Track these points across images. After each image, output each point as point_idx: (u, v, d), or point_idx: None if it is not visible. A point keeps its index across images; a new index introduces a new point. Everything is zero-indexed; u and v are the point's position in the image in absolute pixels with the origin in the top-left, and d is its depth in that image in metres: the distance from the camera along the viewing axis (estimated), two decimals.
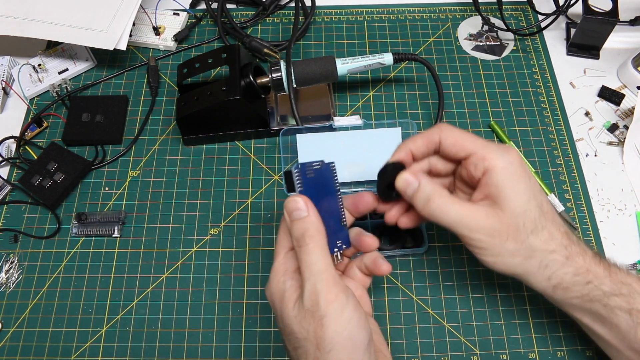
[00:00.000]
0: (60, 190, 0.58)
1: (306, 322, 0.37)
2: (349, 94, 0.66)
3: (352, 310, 0.37)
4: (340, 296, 0.37)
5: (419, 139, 0.43)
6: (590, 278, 0.40)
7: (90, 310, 0.53)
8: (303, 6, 0.72)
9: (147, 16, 0.70)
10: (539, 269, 0.41)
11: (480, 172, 0.40)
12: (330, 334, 0.36)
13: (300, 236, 0.38)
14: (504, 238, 0.40)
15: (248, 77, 0.58)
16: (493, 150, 0.40)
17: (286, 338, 0.39)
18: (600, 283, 0.40)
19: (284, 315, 0.38)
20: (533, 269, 0.41)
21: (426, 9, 0.73)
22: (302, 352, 0.37)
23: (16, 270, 0.55)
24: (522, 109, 0.64)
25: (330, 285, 0.37)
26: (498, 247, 0.40)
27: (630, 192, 0.59)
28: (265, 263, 0.55)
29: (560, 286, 0.41)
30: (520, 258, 0.40)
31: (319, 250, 0.38)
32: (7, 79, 0.67)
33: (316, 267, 0.37)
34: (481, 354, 0.50)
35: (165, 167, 0.61)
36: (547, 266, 0.41)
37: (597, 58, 0.68)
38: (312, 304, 0.37)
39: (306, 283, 0.37)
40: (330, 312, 0.36)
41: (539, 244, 0.40)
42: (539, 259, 0.40)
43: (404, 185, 0.42)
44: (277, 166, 0.61)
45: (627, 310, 0.40)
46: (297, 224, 0.39)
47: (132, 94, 0.67)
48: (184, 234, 0.57)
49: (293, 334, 0.38)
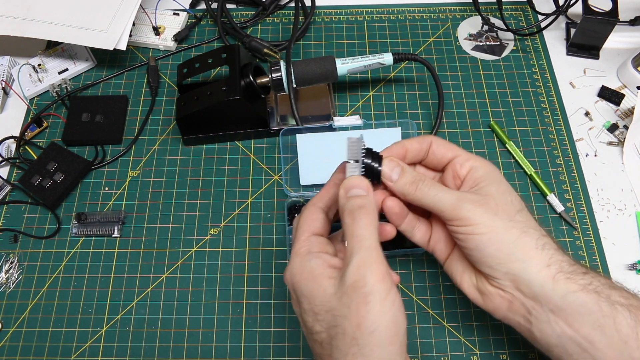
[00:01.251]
0: (60, 190, 0.58)
1: (347, 298, 0.35)
2: (349, 94, 0.66)
3: (396, 293, 0.35)
4: (387, 277, 0.35)
5: (413, 139, 0.43)
6: (585, 269, 0.39)
7: (90, 310, 0.53)
8: (303, 6, 0.72)
9: (147, 16, 0.70)
10: (537, 249, 0.38)
11: (465, 170, 0.41)
12: (374, 313, 0.34)
13: (356, 209, 0.37)
14: (494, 208, 0.38)
15: (248, 77, 0.58)
16: (476, 155, 0.43)
17: (319, 319, 0.36)
18: (596, 274, 0.38)
19: (318, 292, 0.36)
20: (530, 249, 0.38)
21: (426, 9, 0.73)
22: (339, 330, 0.35)
23: (16, 270, 0.55)
24: (522, 109, 0.64)
25: (380, 263, 0.35)
26: (490, 219, 0.38)
27: (630, 192, 0.59)
28: (265, 263, 0.55)
29: (561, 275, 0.37)
30: (516, 232, 0.38)
31: (372, 227, 0.37)
32: (7, 79, 0.67)
33: (367, 243, 0.36)
34: (481, 354, 0.50)
35: (165, 167, 0.61)
36: (543, 247, 0.38)
37: (597, 58, 0.68)
38: (358, 278, 0.35)
39: (354, 256, 0.35)
40: (376, 291, 0.34)
41: (529, 221, 0.39)
42: (535, 237, 0.38)
43: (388, 169, 0.41)
44: (277, 166, 0.61)
45: (626, 306, 0.37)
46: (355, 199, 0.38)
47: (132, 94, 0.67)
48: (184, 234, 0.57)
49: (331, 311, 0.35)
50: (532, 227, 0.39)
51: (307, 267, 0.37)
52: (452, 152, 0.42)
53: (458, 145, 0.59)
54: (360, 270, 0.35)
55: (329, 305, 0.36)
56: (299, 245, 0.39)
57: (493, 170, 0.41)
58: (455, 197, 0.39)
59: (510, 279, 0.39)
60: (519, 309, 0.39)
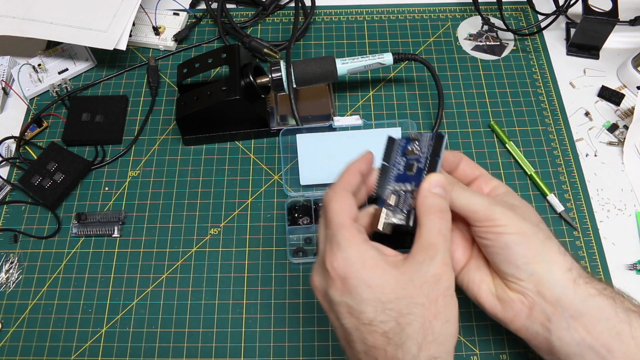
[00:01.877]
0: (60, 190, 0.58)
1: (428, 287, 0.36)
2: (349, 94, 0.66)
3: None
4: None
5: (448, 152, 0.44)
6: (598, 278, 0.41)
7: (90, 310, 0.53)
8: (303, 6, 0.72)
9: (147, 16, 0.70)
10: (560, 254, 0.40)
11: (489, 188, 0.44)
12: (451, 307, 0.37)
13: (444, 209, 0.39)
14: (521, 214, 0.40)
15: (248, 77, 0.58)
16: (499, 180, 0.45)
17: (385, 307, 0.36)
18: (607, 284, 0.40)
19: (389, 281, 0.36)
20: (554, 253, 0.40)
21: (426, 9, 0.73)
22: (413, 318, 0.35)
23: (16, 270, 0.55)
24: (522, 109, 0.64)
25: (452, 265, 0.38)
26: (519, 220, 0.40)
27: (630, 192, 0.59)
28: (265, 263, 0.55)
29: (582, 279, 0.39)
30: (542, 235, 0.40)
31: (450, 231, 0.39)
32: (7, 79, 0.67)
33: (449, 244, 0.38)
34: (481, 354, 0.50)
35: (165, 167, 0.61)
36: (565, 253, 0.40)
37: (597, 58, 0.68)
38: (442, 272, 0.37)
39: (440, 253, 0.37)
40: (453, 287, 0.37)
41: (550, 231, 0.41)
42: (557, 244, 0.40)
43: None
44: (277, 166, 0.61)
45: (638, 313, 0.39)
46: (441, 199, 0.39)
47: (132, 94, 0.67)
48: (184, 234, 0.57)
49: (406, 298, 0.35)
50: (553, 234, 0.41)
51: (370, 255, 0.37)
52: (479, 171, 0.44)
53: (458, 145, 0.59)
54: (445, 267, 0.37)
55: (404, 292, 0.36)
56: (350, 233, 0.37)
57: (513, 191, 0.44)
58: (487, 200, 0.40)
59: (534, 281, 0.39)
60: (538, 316, 0.40)
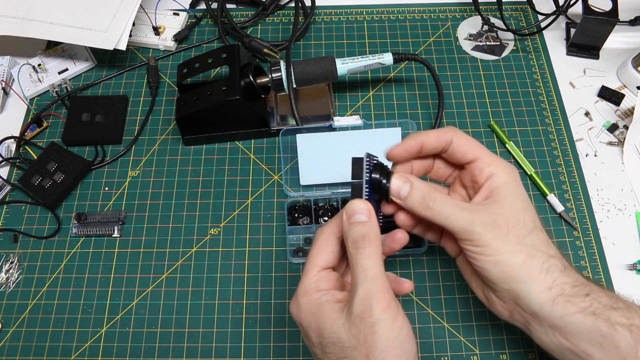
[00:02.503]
0: (60, 190, 0.58)
1: (355, 329, 0.35)
2: (349, 94, 0.66)
3: (403, 319, 0.37)
4: (392, 305, 0.36)
5: (431, 135, 0.42)
6: (587, 290, 0.39)
7: (90, 310, 0.53)
8: (303, 6, 0.72)
9: (147, 16, 0.70)
10: (541, 272, 0.38)
11: (484, 177, 0.40)
12: (382, 342, 0.35)
13: (359, 239, 0.38)
14: (505, 231, 0.38)
15: (248, 77, 0.58)
16: (499, 159, 0.41)
17: (327, 351, 0.37)
18: (598, 296, 0.39)
19: (326, 327, 0.37)
20: (535, 272, 0.38)
21: (426, 9, 0.73)
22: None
23: (16, 270, 0.55)
24: (522, 109, 0.64)
25: (384, 292, 0.36)
26: (500, 242, 0.38)
27: (630, 192, 0.59)
28: (265, 263, 0.55)
29: (562, 298, 0.38)
30: (522, 256, 0.38)
31: (376, 256, 0.37)
32: (7, 79, 0.67)
33: (371, 273, 0.37)
34: (481, 354, 0.50)
35: (165, 167, 0.61)
36: (548, 270, 0.38)
37: (597, 58, 0.68)
38: (364, 309, 0.35)
39: (359, 287, 0.36)
40: (383, 319, 0.35)
41: (539, 243, 0.39)
42: (541, 260, 0.38)
43: (396, 187, 0.40)
44: (277, 166, 0.61)
45: (627, 326, 0.38)
46: (357, 227, 0.38)
47: (132, 94, 0.67)
48: (184, 234, 0.57)
49: (339, 343, 0.36)
50: (541, 249, 0.39)
51: (315, 303, 0.38)
52: (473, 154, 0.41)
53: None
54: (366, 301, 0.36)
55: (336, 337, 0.36)
56: (308, 281, 0.39)
57: (512, 180, 0.40)
58: (466, 219, 0.38)
59: (511, 295, 0.40)
60: (519, 319, 0.41)
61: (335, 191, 0.58)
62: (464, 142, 0.42)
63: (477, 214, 0.39)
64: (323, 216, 0.56)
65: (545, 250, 0.39)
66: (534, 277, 0.38)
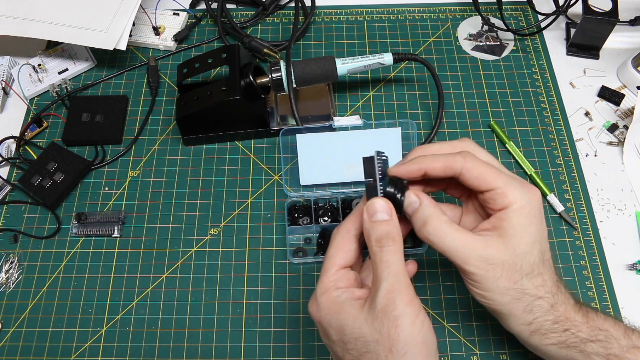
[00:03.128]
0: (60, 190, 0.58)
1: (378, 323, 0.36)
2: (349, 94, 0.66)
3: (424, 315, 0.37)
4: (415, 301, 0.37)
5: (439, 162, 0.40)
6: (568, 325, 0.40)
7: (90, 310, 0.53)
8: (303, 6, 0.72)
9: (147, 16, 0.70)
10: (524, 312, 0.40)
11: (497, 207, 0.40)
12: (405, 336, 0.35)
13: (383, 237, 0.38)
14: (498, 275, 0.39)
15: (248, 77, 0.58)
16: (516, 187, 0.39)
17: (348, 347, 0.38)
18: (577, 330, 0.40)
19: (347, 323, 0.37)
20: (517, 311, 0.40)
21: (426, 9, 0.73)
22: (372, 356, 0.36)
23: (16, 270, 0.55)
24: (522, 109, 0.64)
25: (407, 287, 0.37)
26: (490, 283, 0.39)
27: (630, 192, 0.59)
28: (265, 263, 0.55)
29: (539, 332, 0.40)
30: (508, 298, 0.39)
31: (399, 253, 0.38)
32: (7, 79, 0.67)
33: (395, 268, 0.37)
34: (481, 354, 0.50)
35: (165, 167, 0.61)
36: (531, 311, 0.40)
37: (597, 58, 0.68)
38: (388, 302, 0.36)
39: (383, 282, 0.37)
40: (406, 313, 0.36)
41: (530, 288, 0.40)
42: (526, 302, 0.40)
43: (406, 202, 0.41)
44: (277, 166, 0.61)
45: (604, 355, 0.40)
46: (381, 225, 0.39)
47: (132, 94, 0.67)
48: (184, 234, 0.57)
49: (362, 337, 0.37)
50: (529, 293, 0.40)
51: (335, 301, 0.39)
52: (487, 185, 0.40)
53: None
54: (390, 295, 0.36)
55: (358, 332, 0.37)
56: (327, 280, 0.40)
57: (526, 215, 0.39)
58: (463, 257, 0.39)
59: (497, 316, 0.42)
60: None
61: (335, 191, 0.58)
62: (475, 176, 0.40)
63: (475, 252, 0.39)
64: (323, 216, 0.56)
65: (534, 293, 0.40)
66: (516, 314, 0.40)
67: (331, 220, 0.56)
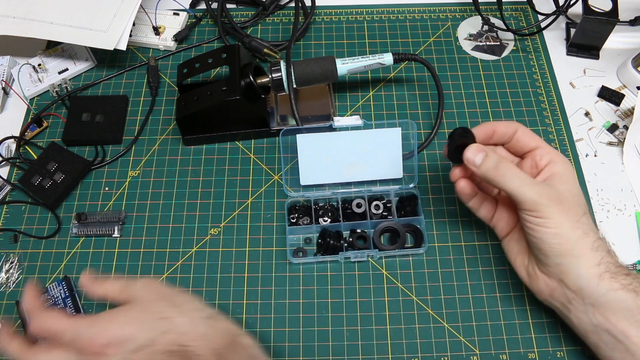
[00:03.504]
0: (60, 190, 0.58)
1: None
2: (349, 94, 0.66)
3: None
4: None
5: (503, 124, 0.48)
6: (626, 271, 0.43)
7: (91, 310, 0.53)
8: (303, 6, 0.72)
9: (147, 16, 0.70)
10: (591, 250, 0.42)
11: (545, 162, 0.46)
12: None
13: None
14: (566, 208, 0.42)
15: (248, 77, 0.58)
16: (556, 150, 0.47)
17: None
18: (636, 276, 0.42)
19: None
20: (586, 248, 0.42)
21: (426, 9, 0.73)
22: None
23: (16, 270, 0.55)
24: (522, 109, 0.64)
25: None
26: (561, 217, 0.42)
27: (630, 192, 0.59)
28: (265, 263, 0.55)
29: (607, 275, 0.42)
30: (579, 232, 0.42)
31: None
32: (7, 79, 0.67)
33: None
34: (481, 354, 0.50)
35: (165, 167, 0.61)
36: (597, 249, 0.42)
37: (597, 58, 0.68)
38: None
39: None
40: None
41: (591, 225, 0.43)
42: (592, 239, 0.43)
43: (472, 155, 0.45)
44: (277, 166, 0.61)
45: None
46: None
47: (132, 94, 0.67)
48: (184, 234, 0.57)
49: None
50: (592, 229, 0.44)
51: None
52: (535, 143, 0.47)
53: None
54: None
55: None
56: None
57: (569, 169, 0.46)
58: (535, 191, 0.42)
59: (560, 270, 0.43)
60: (559, 298, 0.45)
61: (336, 191, 0.58)
62: (527, 132, 0.48)
63: (545, 189, 0.43)
64: (323, 216, 0.56)
65: (595, 230, 0.44)
66: (585, 253, 0.42)
67: (331, 220, 0.56)
